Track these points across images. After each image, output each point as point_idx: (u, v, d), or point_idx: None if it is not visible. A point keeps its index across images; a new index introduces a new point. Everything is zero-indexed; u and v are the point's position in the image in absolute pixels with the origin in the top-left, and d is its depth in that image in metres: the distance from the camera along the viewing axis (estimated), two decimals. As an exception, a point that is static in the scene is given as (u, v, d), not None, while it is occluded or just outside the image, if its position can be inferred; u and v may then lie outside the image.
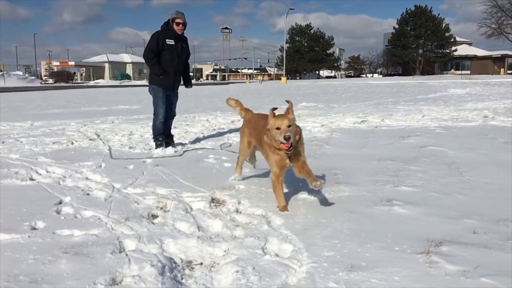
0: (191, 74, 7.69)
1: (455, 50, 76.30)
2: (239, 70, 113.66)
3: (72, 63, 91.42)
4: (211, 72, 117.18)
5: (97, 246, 2.94)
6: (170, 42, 6.73)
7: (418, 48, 78.37)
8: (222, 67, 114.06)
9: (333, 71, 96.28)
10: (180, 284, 2.52)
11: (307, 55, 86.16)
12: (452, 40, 77.19)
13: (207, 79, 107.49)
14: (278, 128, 3.56)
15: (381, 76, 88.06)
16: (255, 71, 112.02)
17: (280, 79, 65.50)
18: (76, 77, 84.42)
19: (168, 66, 6.77)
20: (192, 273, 2.68)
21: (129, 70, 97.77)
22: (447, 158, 5.77)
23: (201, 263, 2.82)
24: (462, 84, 33.17)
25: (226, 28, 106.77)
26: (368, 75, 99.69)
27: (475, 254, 2.76)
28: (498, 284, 2.37)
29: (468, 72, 72.31)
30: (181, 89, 7.32)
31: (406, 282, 2.43)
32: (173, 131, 7.65)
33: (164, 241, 3.06)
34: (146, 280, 2.45)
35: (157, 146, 6.85)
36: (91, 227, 3.32)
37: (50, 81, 74.38)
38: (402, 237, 3.05)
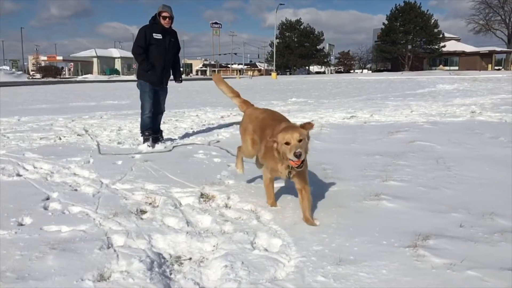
0: (181, 69, 7.65)
1: (444, 46, 76.89)
2: (229, 66, 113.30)
3: (60, 57, 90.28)
4: (201, 67, 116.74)
5: (85, 242, 2.92)
6: (158, 36, 6.67)
7: (407, 44, 78.84)
8: (212, 62, 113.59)
9: (323, 66, 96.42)
10: (169, 280, 2.51)
11: (297, 50, 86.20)
12: (441, 36, 77.77)
13: (197, 74, 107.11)
14: (287, 143, 3.16)
15: (370, 71, 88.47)
16: (245, 67, 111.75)
17: (270, 74, 65.44)
18: (64, 72, 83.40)
19: (155, 61, 6.71)
20: (181, 268, 2.68)
21: (117, 65, 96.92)
22: (435, 153, 5.83)
23: (190, 258, 2.82)
24: (450, 79, 33.45)
25: (216, 23, 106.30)
26: (357, 70, 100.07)
27: (462, 247, 2.80)
28: (484, 276, 2.41)
29: (456, 68, 73.01)
30: (171, 84, 7.29)
31: (393, 275, 2.45)
32: (162, 127, 7.61)
33: (153, 237, 3.05)
34: (134, 276, 2.44)
35: (144, 141, 6.83)
36: (78, 223, 3.30)
37: (38, 76, 73.40)
38: (389, 231, 3.08)
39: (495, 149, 6.05)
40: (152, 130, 6.92)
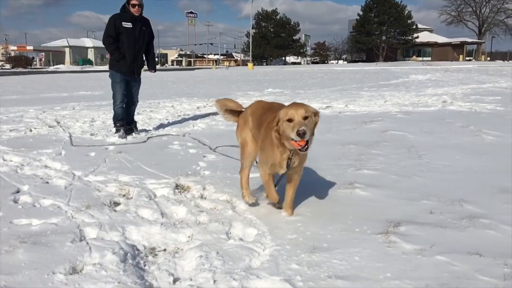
0: (155, 58, 7.54)
1: (417, 37, 78.04)
2: (205, 56, 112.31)
3: (30, 47, 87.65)
4: (177, 57, 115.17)
5: (56, 235, 2.87)
6: (127, 25, 6.54)
7: (382, 35, 79.64)
8: (188, 53, 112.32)
9: (299, 57, 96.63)
10: (143, 271, 2.49)
11: (273, 41, 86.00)
12: (414, 27, 78.85)
13: (173, 64, 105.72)
14: (290, 120, 2.77)
15: (346, 62, 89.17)
16: (222, 57, 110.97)
17: (246, 65, 65.25)
18: (35, 62, 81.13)
19: (125, 51, 6.59)
20: (155, 260, 2.66)
21: (90, 55, 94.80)
22: (407, 142, 5.95)
23: (165, 250, 2.81)
24: (423, 70, 34.06)
25: (191, 12, 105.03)
26: (333, 61, 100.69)
27: (431, 233, 2.87)
28: (452, 261, 2.49)
29: (429, 58, 74.35)
30: (145, 74, 7.17)
31: (365, 261, 2.50)
32: (136, 118, 7.51)
33: (127, 229, 3.02)
34: (107, 268, 2.41)
35: (116, 131, 6.74)
36: (50, 216, 3.24)
37: (7, 66, 71.14)
38: (362, 219, 3.14)
39: (465, 137, 6.21)
40: (125, 121, 6.82)
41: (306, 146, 2.76)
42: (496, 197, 3.61)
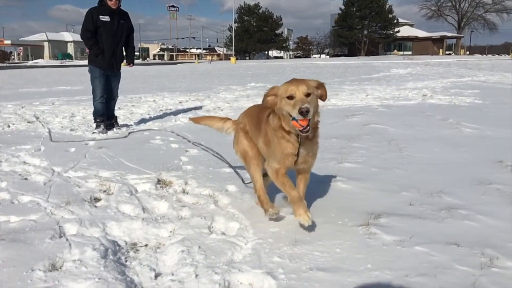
0: (137, 53, 7.45)
1: (398, 32, 78.89)
2: (187, 50, 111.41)
3: (8, 42, 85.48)
4: (158, 51, 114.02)
5: (35, 231, 2.82)
6: (105, 18, 6.44)
7: (363, 29, 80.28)
8: (170, 47, 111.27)
9: (282, 51, 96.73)
10: (124, 267, 2.47)
11: (256, 35, 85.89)
12: (395, 21, 79.68)
13: (154, 59, 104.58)
14: (290, 98, 2.50)
15: (328, 56, 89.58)
16: (204, 51, 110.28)
17: (229, 59, 64.99)
18: (13, 57, 79.29)
19: (104, 45, 6.50)
20: (136, 255, 2.64)
21: (70, 49, 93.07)
22: (387, 135, 6.02)
23: (146, 245, 2.79)
24: (404, 64, 34.44)
25: (173, 6, 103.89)
26: (315, 55, 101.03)
27: (411, 224, 2.92)
28: (431, 251, 2.53)
29: (410, 52, 75.23)
30: (126, 69, 7.08)
31: (346, 253, 2.53)
32: (117, 112, 7.43)
33: (107, 224, 2.99)
34: (87, 264, 2.38)
35: (96, 127, 6.65)
36: (29, 213, 3.18)
37: (-16, 61, 69.40)
38: (344, 211, 3.17)
39: (444, 130, 6.32)
40: (105, 116, 6.73)
41: (308, 127, 2.50)
42: (473, 188, 3.68)
